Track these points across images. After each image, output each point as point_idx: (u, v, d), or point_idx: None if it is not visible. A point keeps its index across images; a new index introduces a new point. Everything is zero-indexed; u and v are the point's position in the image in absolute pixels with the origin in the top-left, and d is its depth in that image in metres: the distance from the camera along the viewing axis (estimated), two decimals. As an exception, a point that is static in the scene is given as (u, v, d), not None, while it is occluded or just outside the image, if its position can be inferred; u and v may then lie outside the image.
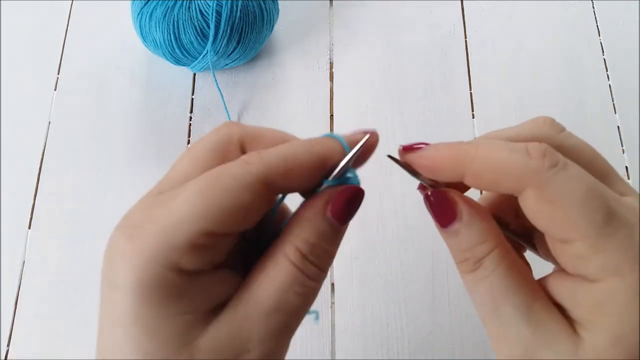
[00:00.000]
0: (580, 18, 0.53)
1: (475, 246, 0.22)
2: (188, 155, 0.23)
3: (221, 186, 0.20)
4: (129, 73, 0.51)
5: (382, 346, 0.42)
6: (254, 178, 0.21)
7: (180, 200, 0.20)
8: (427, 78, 0.51)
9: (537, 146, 0.21)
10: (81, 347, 0.42)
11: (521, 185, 0.21)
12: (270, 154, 0.21)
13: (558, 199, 0.20)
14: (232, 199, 0.20)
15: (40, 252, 0.45)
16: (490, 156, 0.21)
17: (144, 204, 0.22)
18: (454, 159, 0.22)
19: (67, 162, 0.48)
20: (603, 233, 0.20)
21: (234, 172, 0.21)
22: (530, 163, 0.21)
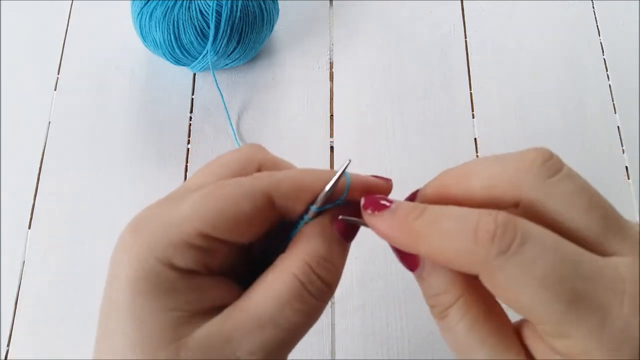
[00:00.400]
0: (580, 18, 0.53)
1: (439, 295, 0.22)
2: (206, 167, 0.24)
3: (224, 191, 0.21)
4: (129, 73, 0.51)
5: (382, 346, 0.42)
6: (258, 189, 0.21)
7: (186, 202, 0.21)
8: (427, 78, 0.51)
9: (486, 225, 0.19)
10: (81, 347, 0.42)
11: (471, 272, 0.20)
12: (279, 173, 0.22)
13: (509, 287, 0.18)
14: (232, 205, 0.21)
15: (40, 252, 0.45)
16: (436, 243, 0.20)
17: (155, 204, 0.23)
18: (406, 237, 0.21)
19: (67, 162, 0.48)
20: (566, 320, 0.18)
21: (240, 182, 0.21)
22: (476, 250, 0.19)
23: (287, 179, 0.22)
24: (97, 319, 0.21)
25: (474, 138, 0.49)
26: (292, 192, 0.22)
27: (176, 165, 0.48)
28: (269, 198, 0.21)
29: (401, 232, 0.21)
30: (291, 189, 0.22)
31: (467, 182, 0.22)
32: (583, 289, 0.18)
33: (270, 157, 0.24)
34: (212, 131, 0.49)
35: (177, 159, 0.48)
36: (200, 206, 0.20)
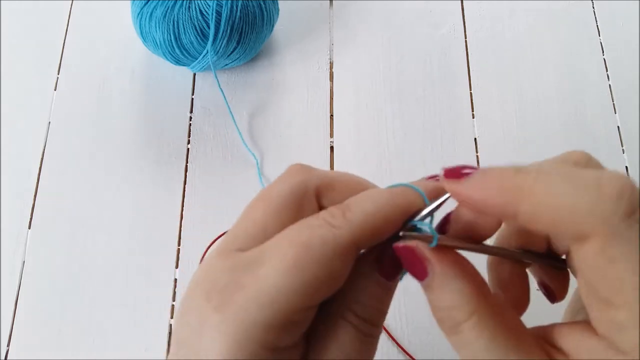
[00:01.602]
0: (580, 18, 0.53)
1: (450, 309, 0.20)
2: (262, 204, 0.21)
3: (313, 256, 0.19)
4: (129, 73, 0.51)
5: (382, 346, 0.42)
6: (345, 244, 0.19)
7: (269, 269, 0.19)
8: (427, 78, 0.51)
9: (614, 181, 0.16)
10: (81, 347, 0.42)
11: (583, 234, 0.17)
12: (356, 214, 0.20)
13: (623, 259, 0.16)
14: (326, 270, 0.19)
15: (40, 252, 0.45)
16: (550, 192, 0.17)
17: (225, 264, 0.20)
18: (504, 194, 0.18)
19: (67, 162, 0.48)
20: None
21: (323, 239, 0.19)
22: (601, 207, 0.16)
23: (367, 220, 0.20)
24: None
25: (474, 138, 0.49)
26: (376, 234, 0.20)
27: (176, 165, 0.48)
28: (356, 248, 0.20)
29: (498, 189, 0.18)
30: (373, 229, 0.20)
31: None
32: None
33: (323, 177, 0.22)
34: (212, 131, 0.49)
35: (177, 159, 0.48)
36: (293, 277, 0.19)
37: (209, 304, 0.19)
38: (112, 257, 0.44)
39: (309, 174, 0.22)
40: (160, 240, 0.45)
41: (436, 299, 0.20)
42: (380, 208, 0.20)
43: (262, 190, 0.22)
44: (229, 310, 0.19)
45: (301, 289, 0.19)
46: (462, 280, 0.20)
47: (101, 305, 0.43)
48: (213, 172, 0.47)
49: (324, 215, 0.20)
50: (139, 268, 0.44)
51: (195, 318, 0.19)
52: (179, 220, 0.46)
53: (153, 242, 0.45)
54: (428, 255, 0.20)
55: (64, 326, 0.42)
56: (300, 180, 0.22)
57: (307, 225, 0.20)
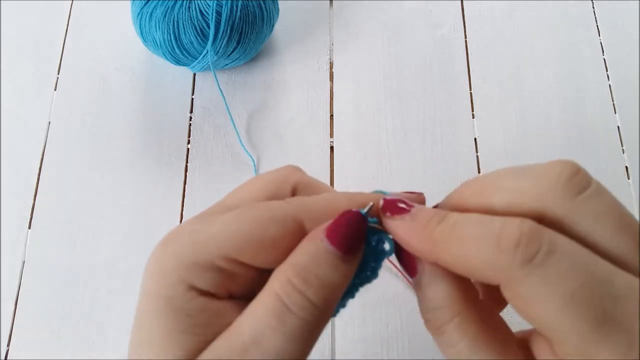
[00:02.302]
0: (580, 18, 0.53)
1: (437, 309, 0.20)
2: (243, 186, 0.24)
3: (252, 214, 0.20)
4: (129, 73, 0.51)
5: (382, 346, 0.42)
6: (287, 213, 0.20)
7: (216, 222, 0.21)
8: (427, 78, 0.51)
9: (511, 232, 0.18)
10: (81, 347, 0.42)
11: (492, 282, 0.18)
12: (311, 198, 0.22)
13: (531, 301, 0.17)
14: (259, 229, 0.20)
15: (40, 252, 0.45)
16: (456, 251, 0.19)
17: (191, 220, 0.22)
18: (425, 243, 0.20)
19: (67, 162, 0.48)
20: (591, 341, 0.17)
21: (269, 205, 0.21)
22: (498, 259, 0.18)
23: (318, 203, 0.21)
24: None
25: (474, 138, 0.49)
26: (323, 217, 0.21)
27: (176, 165, 0.48)
28: (299, 223, 0.20)
29: (421, 237, 0.20)
30: (322, 213, 0.21)
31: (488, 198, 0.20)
32: (613, 309, 0.17)
33: (306, 179, 0.24)
34: (212, 131, 0.49)
35: (177, 159, 0.48)
36: (228, 228, 0.20)
37: (161, 244, 0.22)
38: (112, 257, 0.44)
39: (293, 172, 0.24)
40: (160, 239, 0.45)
41: (425, 299, 0.21)
42: (335, 199, 0.22)
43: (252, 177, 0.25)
44: (168, 249, 0.21)
45: (231, 239, 0.20)
46: (449, 282, 0.20)
47: (101, 305, 0.43)
48: (213, 172, 0.47)
49: (286, 198, 0.22)
50: (139, 268, 0.44)
51: (150, 256, 0.22)
52: (179, 220, 0.46)
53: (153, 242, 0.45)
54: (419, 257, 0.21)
55: (64, 326, 0.42)
56: (282, 174, 0.24)
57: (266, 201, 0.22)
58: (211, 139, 0.48)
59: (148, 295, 0.21)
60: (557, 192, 0.19)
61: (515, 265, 0.17)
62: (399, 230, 0.21)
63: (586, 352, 0.17)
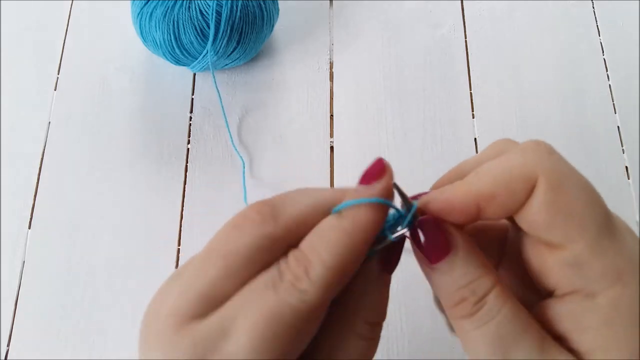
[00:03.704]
0: (580, 18, 0.53)
1: (475, 282, 0.20)
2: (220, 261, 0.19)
3: (285, 326, 0.18)
4: (129, 73, 0.51)
5: (382, 346, 0.41)
6: (315, 306, 0.18)
7: (241, 348, 0.17)
8: (427, 78, 0.51)
9: (527, 142, 0.21)
10: (81, 347, 0.42)
11: (532, 179, 0.19)
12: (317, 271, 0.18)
13: (565, 183, 0.19)
14: (299, 335, 0.18)
15: (40, 252, 0.45)
16: (493, 171, 0.20)
17: (188, 344, 0.18)
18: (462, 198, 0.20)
19: (67, 162, 0.48)
20: (604, 234, 0.18)
21: (293, 308, 0.18)
22: (531, 155, 0.20)
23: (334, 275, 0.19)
24: None
25: (474, 138, 0.49)
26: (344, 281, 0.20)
27: (176, 165, 0.48)
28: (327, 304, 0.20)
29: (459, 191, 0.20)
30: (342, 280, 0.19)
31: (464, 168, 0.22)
32: (609, 210, 0.19)
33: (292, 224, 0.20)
34: (212, 131, 0.49)
35: (177, 159, 0.48)
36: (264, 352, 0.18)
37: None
38: (112, 257, 0.44)
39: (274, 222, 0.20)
40: (160, 240, 0.45)
41: (458, 277, 0.20)
42: (338, 254, 0.19)
43: (216, 243, 0.20)
44: None
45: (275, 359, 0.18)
46: (480, 254, 0.21)
47: (101, 305, 0.43)
48: (213, 172, 0.47)
49: (287, 275, 0.18)
50: (138, 268, 0.44)
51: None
52: (179, 220, 0.46)
53: (153, 242, 0.45)
54: (452, 230, 0.21)
55: (64, 326, 0.42)
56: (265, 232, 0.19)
57: (271, 288, 0.18)
58: (211, 139, 0.48)
59: None
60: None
61: (545, 154, 0.20)
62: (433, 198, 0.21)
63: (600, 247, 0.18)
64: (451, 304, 0.20)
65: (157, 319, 0.19)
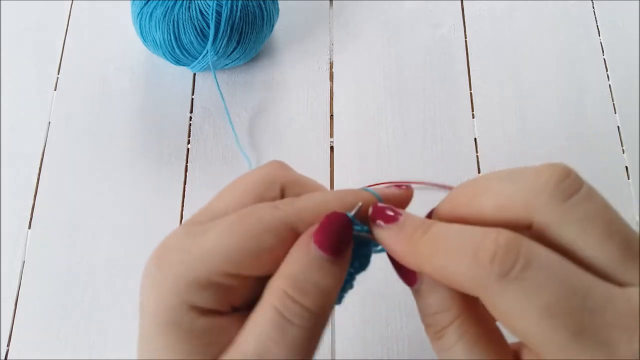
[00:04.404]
0: (580, 18, 0.53)
1: (437, 314, 0.21)
2: (230, 188, 0.23)
3: (246, 226, 0.20)
4: (129, 73, 0.51)
5: (382, 346, 0.42)
6: (280, 221, 0.20)
7: (208, 236, 0.20)
8: (427, 78, 0.51)
9: (487, 245, 0.18)
10: (81, 347, 0.42)
11: (472, 294, 0.19)
12: (300, 201, 0.21)
13: (509, 313, 0.18)
14: (254, 241, 0.20)
15: (40, 252, 0.45)
16: (438, 263, 0.19)
17: (180, 232, 0.22)
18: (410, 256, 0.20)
19: (67, 162, 0.48)
20: (569, 353, 0.17)
21: (260, 214, 0.20)
22: (476, 273, 0.18)
23: (308, 206, 0.21)
24: None
25: (474, 138, 0.49)
26: (315, 221, 0.21)
27: (176, 165, 0.48)
28: (293, 228, 0.20)
29: (406, 249, 0.20)
30: (314, 217, 0.21)
31: (479, 202, 0.20)
32: (590, 321, 0.17)
33: (293, 176, 0.23)
34: (212, 131, 0.49)
35: (177, 159, 0.48)
36: (222, 242, 0.20)
37: (155, 261, 0.21)
38: (112, 257, 0.44)
39: (280, 170, 0.23)
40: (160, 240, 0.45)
41: (425, 304, 0.21)
42: (326, 200, 0.21)
43: (238, 177, 0.24)
44: (164, 267, 0.21)
45: (227, 254, 0.20)
46: (448, 287, 0.21)
47: (101, 305, 0.43)
48: (213, 172, 0.47)
49: (275, 201, 0.21)
50: (139, 268, 0.44)
51: (144, 276, 0.22)
52: (179, 220, 0.46)
53: (153, 242, 0.45)
54: None
55: (64, 326, 0.42)
56: (269, 171, 0.23)
57: (256, 205, 0.21)
58: (211, 139, 0.48)
59: (150, 317, 0.20)
60: (545, 197, 0.19)
61: (492, 279, 0.17)
62: (387, 241, 0.21)
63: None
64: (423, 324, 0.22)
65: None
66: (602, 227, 0.18)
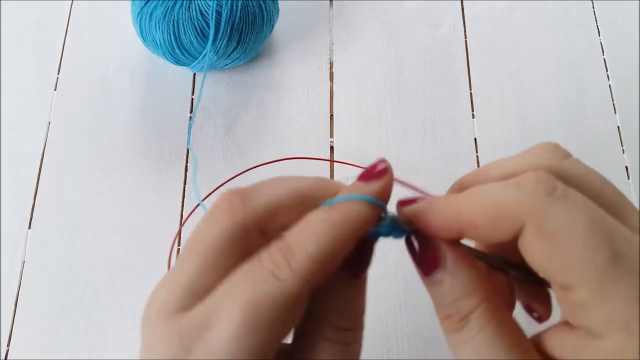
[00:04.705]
0: (580, 18, 0.53)
1: (460, 300, 0.20)
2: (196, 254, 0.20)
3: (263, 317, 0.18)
4: (129, 73, 0.51)
5: (382, 346, 0.41)
6: (294, 296, 0.18)
7: (221, 338, 0.18)
8: (427, 78, 0.51)
9: (529, 174, 0.19)
10: (81, 347, 0.42)
11: (519, 222, 0.18)
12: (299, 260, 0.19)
13: (557, 233, 0.18)
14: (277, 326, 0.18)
15: (40, 252, 0.45)
16: (482, 200, 0.19)
17: (173, 333, 0.18)
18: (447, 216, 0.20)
19: (67, 162, 0.48)
20: (608, 278, 0.17)
21: (271, 297, 0.18)
22: (524, 194, 0.18)
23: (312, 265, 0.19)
24: None
25: (474, 138, 0.49)
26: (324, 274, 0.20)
27: (176, 165, 0.48)
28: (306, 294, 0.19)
29: (444, 209, 0.20)
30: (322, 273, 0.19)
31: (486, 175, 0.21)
32: (622, 246, 0.18)
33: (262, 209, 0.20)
34: (212, 131, 0.49)
35: (177, 159, 0.48)
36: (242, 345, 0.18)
37: None
38: (112, 257, 0.44)
39: (243, 211, 0.20)
40: (160, 240, 0.45)
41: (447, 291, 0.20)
42: (325, 245, 0.19)
43: (192, 236, 0.20)
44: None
45: (253, 350, 0.18)
46: (471, 270, 0.20)
47: (101, 305, 0.43)
48: (213, 172, 0.47)
49: (267, 265, 0.19)
50: (139, 268, 0.44)
51: None
52: (179, 220, 0.46)
53: (153, 242, 0.45)
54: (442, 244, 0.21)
55: (64, 326, 0.42)
56: (236, 222, 0.20)
57: (251, 279, 0.18)
58: (211, 139, 0.48)
59: None
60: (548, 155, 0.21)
61: (540, 197, 0.18)
62: (419, 210, 0.21)
63: (604, 292, 0.17)
64: (440, 317, 0.21)
65: (150, 313, 0.19)
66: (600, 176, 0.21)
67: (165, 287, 0.20)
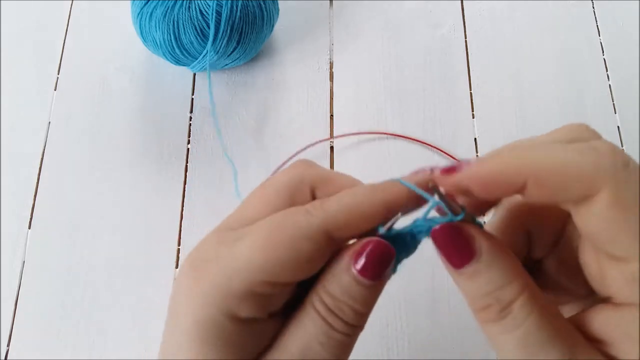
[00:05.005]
0: (580, 18, 0.53)
1: (499, 289, 0.19)
2: (260, 192, 0.23)
3: (283, 236, 0.20)
4: (129, 73, 0.51)
5: (382, 346, 0.42)
6: (316, 228, 0.20)
7: (245, 245, 0.20)
8: (427, 78, 0.51)
9: (604, 144, 0.18)
10: (81, 347, 0.42)
11: (594, 189, 0.18)
12: (332, 204, 0.21)
13: (633, 205, 0.17)
14: (293, 250, 0.20)
15: (40, 252, 0.45)
16: (556, 158, 0.18)
17: (213, 240, 0.22)
18: (512, 169, 0.19)
19: (67, 162, 0.48)
20: None
21: (296, 222, 0.20)
22: (604, 162, 0.18)
23: (342, 211, 0.21)
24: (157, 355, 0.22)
25: (474, 138, 0.49)
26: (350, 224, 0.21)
27: (176, 165, 0.48)
28: (327, 234, 0.20)
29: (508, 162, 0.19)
30: (348, 220, 0.21)
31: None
32: None
33: (321, 174, 0.23)
34: (212, 131, 0.49)
35: (177, 159, 0.48)
36: (261, 253, 0.20)
37: (191, 272, 0.21)
38: (112, 257, 0.44)
39: (308, 169, 0.23)
40: (160, 240, 0.45)
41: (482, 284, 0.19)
42: (357, 200, 0.21)
43: (266, 179, 0.24)
44: (201, 278, 0.20)
45: (267, 265, 0.20)
46: (509, 257, 0.20)
47: (101, 305, 0.43)
48: (213, 172, 0.47)
49: (307, 205, 0.21)
50: (138, 268, 0.44)
51: (178, 285, 0.21)
52: (179, 220, 0.46)
53: (153, 242, 0.45)
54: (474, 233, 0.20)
55: (64, 326, 0.42)
56: (297, 173, 0.23)
57: (289, 211, 0.21)
58: (211, 139, 0.48)
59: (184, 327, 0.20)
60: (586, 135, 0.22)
61: (618, 167, 0.18)
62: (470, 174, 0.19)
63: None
64: (476, 308, 0.20)
65: (213, 230, 0.23)
66: None
67: (231, 214, 0.23)
